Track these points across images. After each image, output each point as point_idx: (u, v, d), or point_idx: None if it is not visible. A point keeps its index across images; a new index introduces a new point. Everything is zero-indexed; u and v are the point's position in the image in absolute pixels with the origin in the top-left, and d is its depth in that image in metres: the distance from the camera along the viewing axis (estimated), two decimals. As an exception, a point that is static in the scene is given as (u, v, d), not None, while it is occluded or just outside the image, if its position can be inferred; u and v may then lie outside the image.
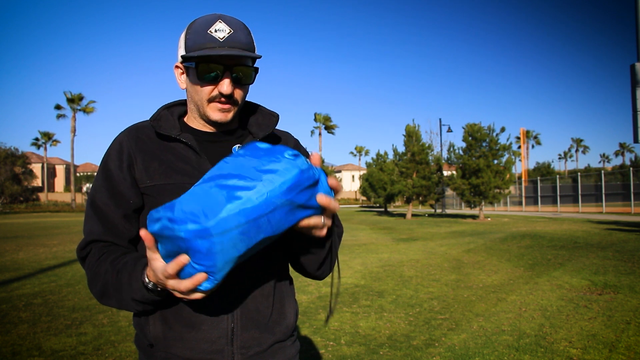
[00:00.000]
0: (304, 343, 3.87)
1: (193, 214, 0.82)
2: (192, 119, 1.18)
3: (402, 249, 10.50)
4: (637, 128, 9.19)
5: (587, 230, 13.13)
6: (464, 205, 31.19)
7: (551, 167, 60.57)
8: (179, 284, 0.88)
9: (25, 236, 14.66)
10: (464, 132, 23.56)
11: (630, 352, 3.48)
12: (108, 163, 1.13)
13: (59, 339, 4.01)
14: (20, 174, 50.35)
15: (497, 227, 16.09)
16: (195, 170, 1.11)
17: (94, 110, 47.02)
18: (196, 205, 0.83)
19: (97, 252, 1.08)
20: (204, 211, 0.82)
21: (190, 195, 0.85)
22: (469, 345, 3.77)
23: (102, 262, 1.05)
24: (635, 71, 9.18)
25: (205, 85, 1.08)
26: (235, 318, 1.08)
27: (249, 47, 1.08)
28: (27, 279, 6.86)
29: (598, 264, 7.46)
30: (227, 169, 0.87)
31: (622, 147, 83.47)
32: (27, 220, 27.19)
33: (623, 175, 32.71)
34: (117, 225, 1.10)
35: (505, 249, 9.99)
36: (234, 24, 1.08)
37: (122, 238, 1.11)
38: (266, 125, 1.21)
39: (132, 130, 1.17)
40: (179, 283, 0.88)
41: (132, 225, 1.12)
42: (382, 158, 33.17)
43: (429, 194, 27.22)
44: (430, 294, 5.68)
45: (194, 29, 1.08)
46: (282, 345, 1.16)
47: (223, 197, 0.83)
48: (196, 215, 0.82)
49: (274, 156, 0.88)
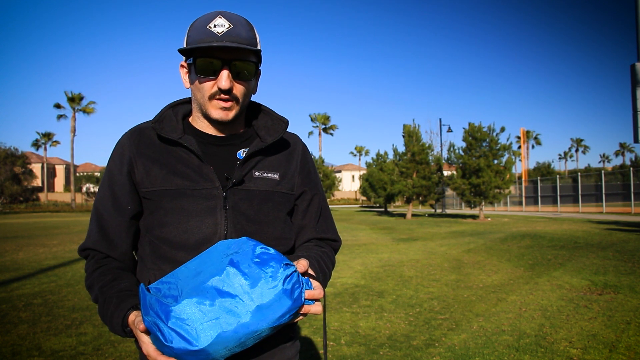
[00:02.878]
0: (304, 343, 3.87)
1: (187, 332, 0.85)
2: (197, 119, 1.17)
3: (402, 249, 10.50)
4: (637, 128, 9.19)
5: (587, 230, 13.13)
6: (464, 205, 31.20)
7: (551, 167, 60.56)
8: None
9: (25, 236, 14.66)
10: (464, 132, 23.56)
11: (630, 352, 3.48)
12: (111, 167, 1.15)
13: (59, 339, 4.01)
14: (20, 174, 50.32)
15: (497, 227, 16.09)
16: (197, 175, 1.10)
17: (94, 110, 47.05)
18: (192, 322, 0.85)
19: (94, 263, 1.14)
20: (197, 333, 0.85)
21: (190, 308, 0.86)
22: (469, 345, 3.77)
23: (95, 280, 1.10)
24: (635, 71, 9.17)
25: (205, 80, 1.07)
26: None
27: (249, 42, 1.07)
28: (27, 279, 6.86)
29: (598, 264, 7.46)
30: (228, 287, 0.88)
31: (622, 147, 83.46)
32: (27, 220, 27.18)
33: (623, 175, 32.71)
34: (113, 235, 1.14)
35: (506, 249, 9.99)
36: (234, 20, 1.07)
37: (116, 249, 1.14)
38: (275, 130, 1.19)
39: (134, 132, 1.16)
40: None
41: (129, 234, 1.15)
42: (382, 158, 33.17)
43: (429, 194, 27.20)
44: (430, 294, 5.68)
45: (195, 26, 1.08)
46: (282, 347, 1.16)
47: (218, 324, 0.86)
48: (190, 335, 0.85)
49: (265, 276, 0.89)
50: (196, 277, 0.92)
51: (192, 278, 0.92)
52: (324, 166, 43.00)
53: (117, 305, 1.01)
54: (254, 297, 0.87)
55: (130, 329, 0.99)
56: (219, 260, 0.92)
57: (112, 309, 1.02)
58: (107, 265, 1.12)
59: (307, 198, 1.25)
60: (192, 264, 0.97)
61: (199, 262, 0.96)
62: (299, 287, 0.93)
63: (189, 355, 0.86)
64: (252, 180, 1.14)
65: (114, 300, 1.03)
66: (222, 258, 0.93)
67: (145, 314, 0.89)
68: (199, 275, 0.92)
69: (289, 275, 0.91)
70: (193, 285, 0.90)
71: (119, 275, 1.10)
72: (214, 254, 0.95)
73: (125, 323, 1.00)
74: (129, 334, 1.01)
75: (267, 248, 0.94)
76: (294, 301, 0.91)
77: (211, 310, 0.86)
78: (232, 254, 0.92)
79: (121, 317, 1.00)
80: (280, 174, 1.18)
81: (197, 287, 0.89)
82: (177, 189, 1.09)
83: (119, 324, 1.00)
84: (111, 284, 1.07)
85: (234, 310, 0.86)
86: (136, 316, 0.97)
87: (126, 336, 1.02)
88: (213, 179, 1.10)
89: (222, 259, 0.92)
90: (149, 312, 0.89)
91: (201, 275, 0.91)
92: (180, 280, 0.94)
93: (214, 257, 0.94)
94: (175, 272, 0.98)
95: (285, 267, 0.91)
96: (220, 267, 0.90)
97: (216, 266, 0.91)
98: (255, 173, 1.15)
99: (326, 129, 59.57)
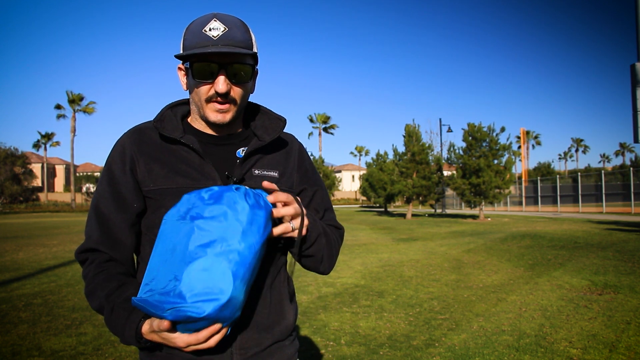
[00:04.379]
0: (304, 343, 3.87)
1: (208, 294, 0.87)
2: (195, 120, 1.18)
3: (402, 249, 10.50)
4: (637, 128, 9.19)
5: (587, 230, 13.13)
6: (464, 205, 31.18)
7: (551, 167, 60.54)
8: (201, 343, 0.94)
9: (25, 236, 14.66)
10: (464, 132, 23.56)
11: (630, 352, 3.48)
12: (112, 166, 1.13)
13: (58, 339, 4.01)
14: (20, 174, 50.32)
15: (497, 227, 16.09)
16: (198, 173, 1.11)
17: (94, 110, 47.03)
18: (205, 284, 0.88)
19: (94, 268, 1.09)
20: (217, 287, 0.88)
21: (194, 276, 0.88)
22: (469, 345, 3.77)
23: (98, 286, 1.07)
24: (635, 71, 9.17)
25: (202, 84, 1.07)
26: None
27: (245, 45, 1.07)
28: (27, 279, 6.86)
29: (598, 264, 7.46)
30: (207, 237, 0.91)
31: (622, 147, 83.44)
32: (27, 220, 27.19)
33: (623, 175, 32.72)
34: (117, 233, 1.11)
35: (506, 249, 9.99)
36: (229, 22, 1.08)
37: (117, 250, 1.12)
38: (273, 129, 1.20)
39: (135, 132, 1.16)
40: (199, 341, 0.93)
41: (132, 232, 1.13)
42: (382, 158, 33.17)
43: (429, 194, 27.20)
44: (430, 294, 5.68)
45: (191, 30, 1.08)
46: (280, 345, 1.16)
47: (225, 266, 0.89)
48: (213, 293, 0.87)
49: (229, 206, 0.95)
50: (173, 254, 0.93)
51: (171, 258, 0.93)
52: (324, 166, 42.99)
53: (127, 317, 1.00)
54: (234, 228, 0.92)
55: (145, 339, 0.98)
56: (181, 227, 0.94)
57: (122, 321, 1.00)
58: (109, 270, 1.09)
59: (309, 194, 1.26)
60: (160, 251, 0.97)
61: (163, 245, 0.97)
62: (259, 196, 1.00)
63: (223, 309, 0.89)
64: (253, 178, 1.14)
65: (123, 311, 1.01)
66: (182, 224, 0.95)
67: (162, 311, 0.89)
68: (175, 251, 0.93)
69: (244, 193, 0.97)
70: (178, 261, 0.91)
71: (124, 282, 1.07)
72: (170, 228, 0.97)
73: (139, 334, 0.98)
74: (145, 344, 0.99)
75: (210, 188, 0.98)
76: (265, 208, 0.98)
77: (212, 263, 0.89)
78: (186, 214, 0.95)
79: (134, 329, 0.98)
80: (279, 172, 1.19)
81: (183, 259, 0.90)
82: (179, 187, 1.09)
83: (133, 336, 0.98)
84: (117, 292, 1.04)
85: (228, 248, 0.90)
86: (150, 324, 0.96)
87: (141, 346, 1.00)
88: (215, 177, 1.10)
89: (182, 225, 0.95)
90: (163, 308, 0.89)
91: (177, 249, 0.93)
92: (161, 270, 0.94)
93: (174, 230, 0.96)
94: (150, 270, 0.97)
95: (237, 190, 0.97)
96: (188, 229, 0.93)
97: (184, 232, 0.93)
98: (255, 171, 1.16)
99: (326, 128, 59.55)
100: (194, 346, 0.93)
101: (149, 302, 0.91)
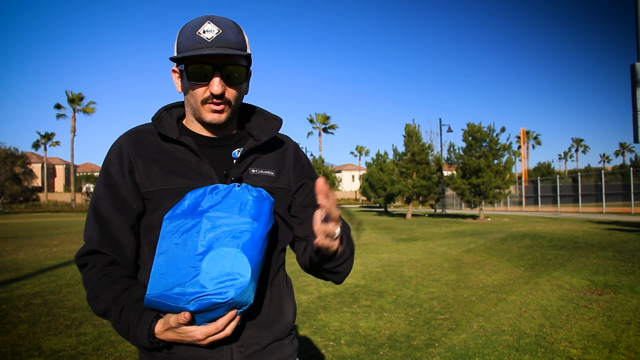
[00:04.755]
0: (304, 343, 3.87)
1: (229, 279, 0.90)
2: (190, 122, 1.18)
3: (402, 249, 10.50)
4: (637, 128, 9.19)
5: (587, 230, 13.13)
6: (464, 205, 31.19)
7: (551, 167, 60.59)
8: (220, 332, 0.96)
9: (25, 236, 14.66)
10: (464, 132, 23.57)
11: (630, 352, 3.48)
12: (109, 168, 1.13)
13: (59, 339, 4.01)
14: (20, 174, 50.33)
15: (497, 227, 16.09)
16: (196, 173, 1.11)
17: (94, 110, 47.05)
18: (224, 269, 0.91)
19: (97, 271, 1.08)
20: (236, 271, 0.91)
21: (212, 264, 0.91)
22: (469, 345, 3.77)
23: (102, 289, 1.05)
24: (635, 71, 9.18)
25: (197, 87, 1.08)
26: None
27: (239, 46, 1.08)
28: (27, 279, 6.86)
29: (598, 264, 7.46)
30: (219, 228, 0.95)
31: (622, 147, 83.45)
32: (27, 220, 27.18)
33: (623, 175, 32.74)
34: (118, 235, 1.11)
35: (506, 249, 9.99)
36: (223, 24, 1.08)
37: (119, 251, 1.11)
38: (269, 129, 1.21)
39: (132, 134, 1.16)
40: (218, 329, 0.95)
41: (133, 234, 1.13)
42: (382, 158, 33.16)
43: (429, 194, 27.20)
44: (430, 294, 5.68)
45: (184, 32, 1.09)
46: (280, 343, 1.16)
47: (240, 252, 0.93)
48: (233, 278, 0.90)
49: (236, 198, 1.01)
50: (185, 248, 0.95)
51: (182, 253, 0.95)
52: (324, 166, 43.00)
53: (139, 317, 0.99)
54: (243, 218, 0.97)
55: (158, 339, 0.99)
56: (189, 222, 0.97)
57: (134, 322, 1.00)
58: (113, 273, 1.08)
59: (309, 187, 1.26)
60: (167, 248, 0.98)
61: (169, 242, 0.98)
62: (261, 191, 1.05)
63: (244, 293, 0.92)
64: (250, 178, 1.15)
65: (134, 312, 1.00)
66: (189, 219, 0.98)
67: (184, 303, 0.91)
68: (186, 245, 0.95)
69: (247, 188, 1.03)
70: (191, 254, 0.93)
71: (130, 284, 1.07)
72: (177, 224, 0.99)
73: (152, 334, 0.98)
74: (158, 344, 1.00)
75: (215, 185, 1.03)
76: (268, 199, 1.05)
77: (227, 251, 0.92)
78: (194, 209, 0.99)
79: (146, 329, 0.98)
80: (275, 171, 1.20)
81: (196, 251, 0.93)
82: (177, 188, 1.09)
83: (145, 337, 0.98)
84: (125, 294, 1.04)
85: (239, 236, 0.94)
86: (164, 323, 0.97)
87: (153, 347, 1.01)
88: (212, 177, 1.11)
89: (191, 220, 0.97)
90: (185, 300, 0.90)
91: (189, 243, 0.95)
92: (171, 266, 0.95)
93: (181, 225, 0.98)
94: (156, 268, 0.97)
95: (239, 186, 1.03)
96: (198, 223, 0.96)
97: (193, 226, 0.96)
98: (252, 170, 1.16)
99: (326, 128, 59.57)
100: (212, 337, 0.95)
101: (168, 296, 0.92)
